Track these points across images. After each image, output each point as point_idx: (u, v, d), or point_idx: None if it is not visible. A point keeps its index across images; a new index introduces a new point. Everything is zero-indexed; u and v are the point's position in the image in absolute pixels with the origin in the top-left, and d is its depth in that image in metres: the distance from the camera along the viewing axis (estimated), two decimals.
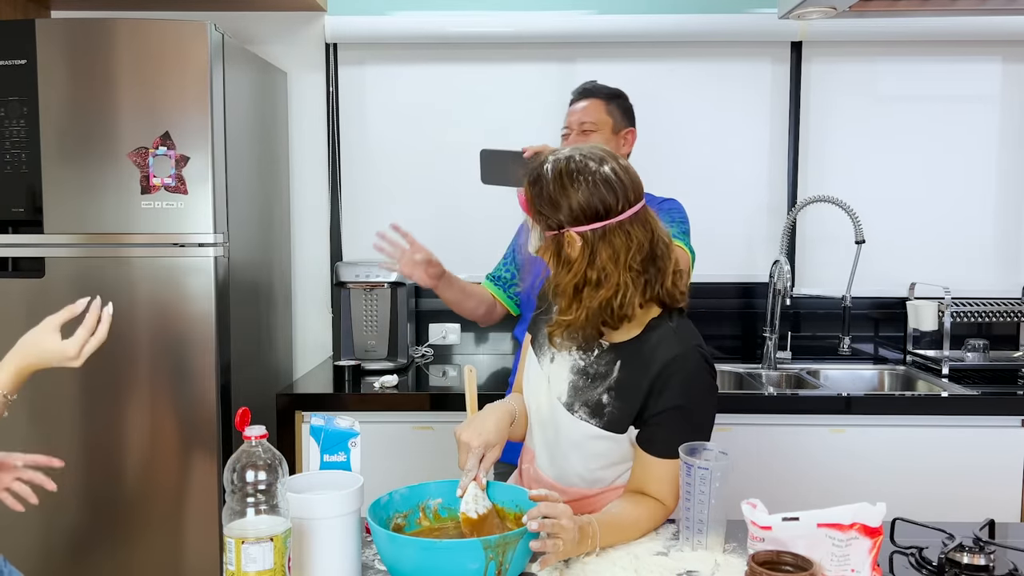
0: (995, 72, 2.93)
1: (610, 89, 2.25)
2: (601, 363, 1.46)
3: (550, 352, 1.53)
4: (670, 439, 1.39)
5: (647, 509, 1.41)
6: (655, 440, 1.41)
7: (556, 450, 1.51)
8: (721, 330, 2.99)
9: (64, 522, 2.32)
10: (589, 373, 1.47)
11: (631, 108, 2.27)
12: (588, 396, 1.46)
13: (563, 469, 1.51)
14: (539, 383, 1.54)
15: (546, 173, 1.40)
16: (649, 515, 1.41)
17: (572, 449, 1.48)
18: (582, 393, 1.46)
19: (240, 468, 1.09)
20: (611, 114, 2.19)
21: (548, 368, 1.52)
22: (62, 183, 2.25)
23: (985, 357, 2.82)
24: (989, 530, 1.39)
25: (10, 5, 2.65)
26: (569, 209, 1.38)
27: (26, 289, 2.27)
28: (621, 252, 1.38)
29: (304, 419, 2.41)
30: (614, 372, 1.44)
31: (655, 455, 1.41)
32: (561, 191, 1.38)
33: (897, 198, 2.96)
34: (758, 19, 2.84)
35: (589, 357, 1.48)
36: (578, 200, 1.37)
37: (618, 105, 2.22)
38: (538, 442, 1.55)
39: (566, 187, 1.38)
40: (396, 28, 2.88)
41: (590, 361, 1.48)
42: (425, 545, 1.20)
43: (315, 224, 3.00)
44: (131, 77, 2.23)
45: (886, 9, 2.50)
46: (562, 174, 1.39)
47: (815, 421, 2.39)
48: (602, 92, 2.23)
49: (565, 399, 1.48)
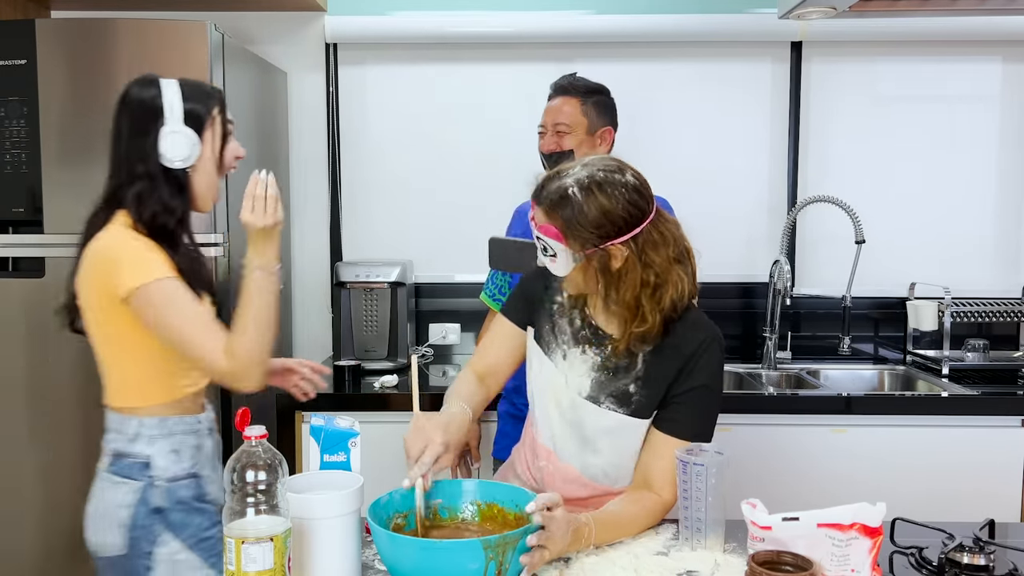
0: (995, 72, 2.93)
1: (589, 84, 2.17)
2: (622, 355, 1.48)
3: (561, 349, 1.53)
4: (690, 419, 1.45)
5: (645, 507, 1.43)
6: (675, 419, 1.45)
7: (582, 443, 1.52)
8: (721, 330, 2.97)
9: (64, 522, 2.31)
10: (610, 367, 1.49)
11: (612, 104, 2.19)
12: (614, 388, 1.48)
13: (587, 462, 1.52)
14: (555, 380, 1.53)
15: (574, 196, 1.38)
16: (647, 512, 1.43)
17: (602, 439, 1.49)
18: (607, 386, 1.48)
19: (240, 468, 1.09)
20: (587, 114, 2.11)
21: (563, 366, 1.53)
22: (62, 183, 2.25)
23: (985, 357, 2.82)
24: (989, 530, 1.39)
25: (10, 5, 2.65)
26: (612, 223, 1.38)
27: (26, 289, 2.27)
28: (665, 249, 1.42)
29: (304, 419, 2.41)
30: (638, 364, 1.47)
31: (671, 434, 1.45)
32: (599, 208, 1.38)
33: (897, 198, 2.96)
34: (758, 19, 2.84)
35: (606, 351, 1.49)
36: (619, 212, 1.38)
37: (595, 103, 2.14)
38: (559, 437, 1.54)
39: (603, 203, 1.38)
40: (396, 28, 2.88)
41: (608, 355, 1.49)
42: (425, 545, 1.20)
43: (315, 224, 3.00)
44: (131, 77, 2.18)
45: (886, 9, 2.49)
46: (594, 191, 1.38)
47: (815, 421, 2.39)
48: (579, 89, 2.14)
49: (588, 393, 1.49)
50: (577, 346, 1.52)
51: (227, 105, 1.61)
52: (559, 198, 1.39)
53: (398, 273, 2.71)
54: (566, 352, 1.53)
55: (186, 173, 1.53)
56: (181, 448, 1.56)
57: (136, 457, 1.54)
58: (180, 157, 1.51)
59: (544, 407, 1.55)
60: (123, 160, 1.53)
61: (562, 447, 1.54)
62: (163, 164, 1.51)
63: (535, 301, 1.59)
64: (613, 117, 2.18)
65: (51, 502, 2.31)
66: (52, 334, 2.27)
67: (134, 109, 1.52)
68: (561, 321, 1.55)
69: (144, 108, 1.51)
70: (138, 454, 1.54)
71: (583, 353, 1.51)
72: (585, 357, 1.51)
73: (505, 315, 1.64)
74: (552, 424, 1.54)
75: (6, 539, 2.32)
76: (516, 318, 1.62)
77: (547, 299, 1.57)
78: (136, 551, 1.53)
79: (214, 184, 1.59)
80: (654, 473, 1.45)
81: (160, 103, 1.51)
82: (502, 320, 1.64)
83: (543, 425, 1.56)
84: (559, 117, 2.11)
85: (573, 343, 1.53)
